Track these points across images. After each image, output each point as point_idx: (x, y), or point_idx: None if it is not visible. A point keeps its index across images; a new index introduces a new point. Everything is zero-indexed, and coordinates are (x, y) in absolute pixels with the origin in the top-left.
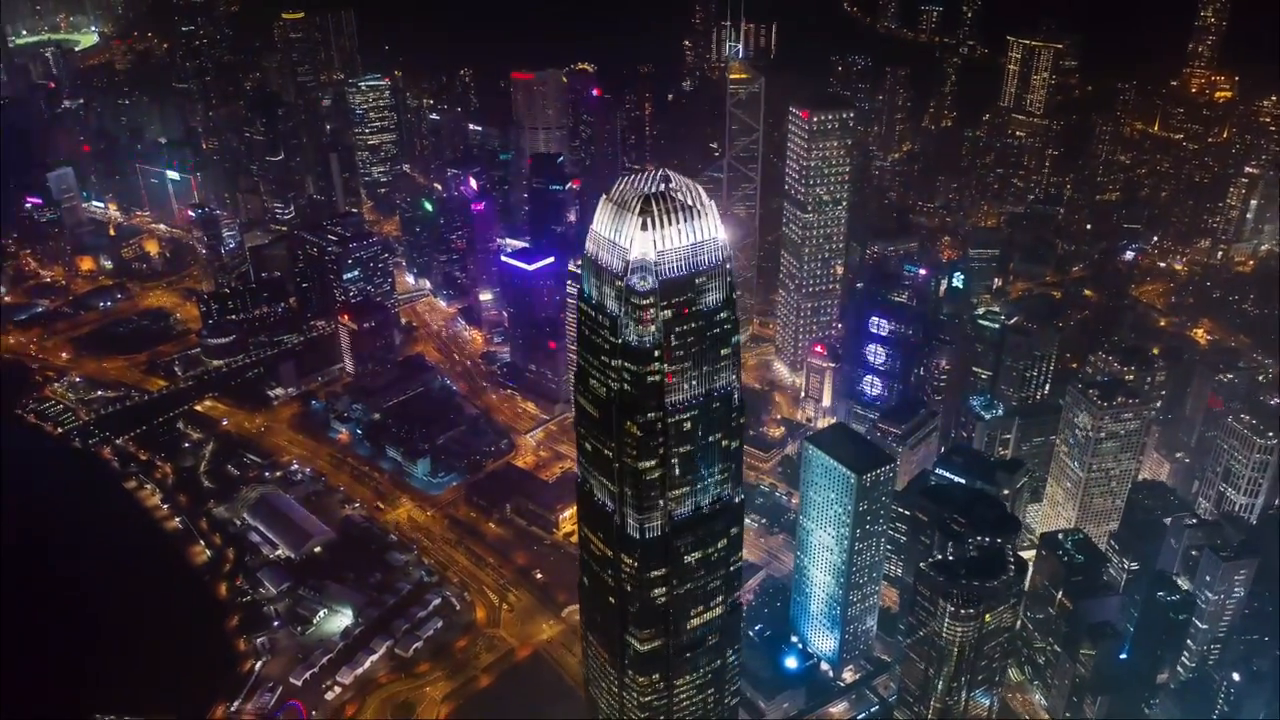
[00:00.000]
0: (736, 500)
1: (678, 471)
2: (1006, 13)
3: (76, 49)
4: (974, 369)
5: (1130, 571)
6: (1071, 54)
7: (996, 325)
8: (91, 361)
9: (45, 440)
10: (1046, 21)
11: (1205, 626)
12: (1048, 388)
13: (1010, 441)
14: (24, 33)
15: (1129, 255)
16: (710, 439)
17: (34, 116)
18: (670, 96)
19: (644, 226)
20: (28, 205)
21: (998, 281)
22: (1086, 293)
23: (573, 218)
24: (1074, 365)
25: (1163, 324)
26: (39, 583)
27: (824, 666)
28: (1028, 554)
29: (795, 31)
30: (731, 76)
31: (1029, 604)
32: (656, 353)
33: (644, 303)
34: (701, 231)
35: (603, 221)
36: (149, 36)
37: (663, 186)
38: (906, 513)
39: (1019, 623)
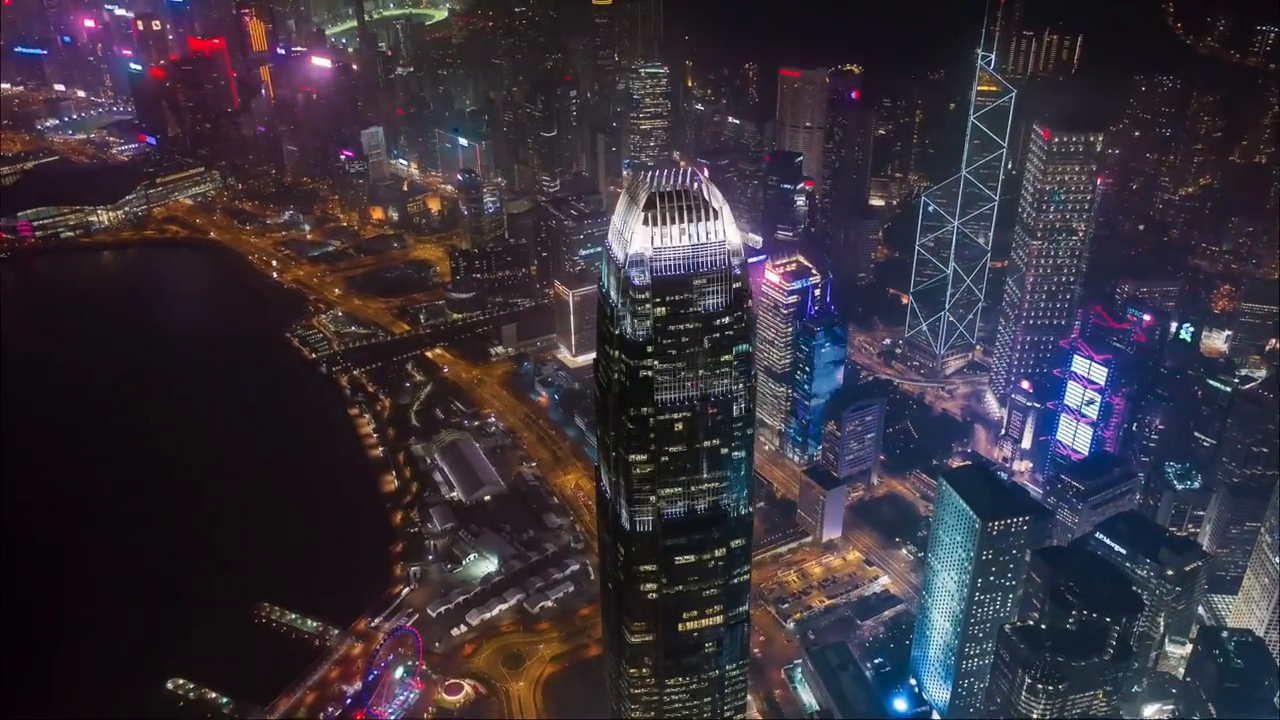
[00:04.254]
0: (742, 512)
1: (668, 471)
2: None
3: (427, 23)
4: (1196, 435)
5: None
6: None
7: (1227, 389)
8: (356, 299)
9: (301, 362)
10: None
11: None
12: None
13: (1205, 519)
14: (390, 5)
15: None
16: (707, 443)
17: (368, 81)
18: (952, 105)
19: (646, 221)
20: (342, 157)
21: (1274, 342)
22: None
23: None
24: None
25: None
26: (258, 481)
27: (935, 717)
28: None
29: (1106, 45)
30: (978, 88)
31: (1180, 703)
32: (649, 348)
33: (639, 297)
34: (707, 233)
35: (618, 213)
36: (486, 14)
37: (693, 185)
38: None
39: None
